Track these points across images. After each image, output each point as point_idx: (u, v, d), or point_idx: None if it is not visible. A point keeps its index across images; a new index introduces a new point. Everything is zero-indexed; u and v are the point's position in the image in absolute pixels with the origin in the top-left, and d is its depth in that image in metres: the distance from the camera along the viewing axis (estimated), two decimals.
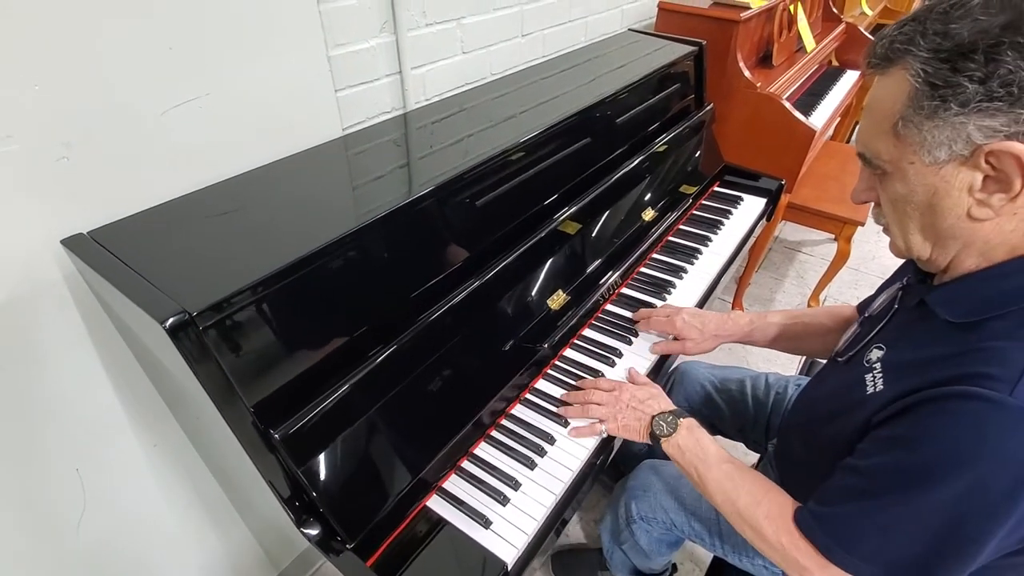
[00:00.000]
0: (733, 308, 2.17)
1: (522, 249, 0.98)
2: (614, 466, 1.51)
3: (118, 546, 0.96)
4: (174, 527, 1.05)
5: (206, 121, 0.80)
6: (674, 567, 1.32)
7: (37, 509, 0.83)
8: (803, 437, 0.80)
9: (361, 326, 0.76)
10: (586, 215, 1.15)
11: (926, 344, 0.61)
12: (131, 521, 0.96)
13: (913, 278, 0.70)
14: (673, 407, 0.89)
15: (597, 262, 1.16)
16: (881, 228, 0.66)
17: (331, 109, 0.99)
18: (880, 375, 0.64)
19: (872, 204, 0.66)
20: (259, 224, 0.76)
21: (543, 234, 1.02)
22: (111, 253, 0.65)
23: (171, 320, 0.55)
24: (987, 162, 0.51)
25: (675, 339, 1.07)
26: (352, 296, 0.76)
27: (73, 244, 0.67)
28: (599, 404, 0.91)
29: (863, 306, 0.91)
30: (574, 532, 1.53)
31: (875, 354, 0.68)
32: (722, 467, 0.78)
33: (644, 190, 1.33)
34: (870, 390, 0.64)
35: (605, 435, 0.92)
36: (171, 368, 0.69)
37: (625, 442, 1.39)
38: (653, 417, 0.87)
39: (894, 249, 0.66)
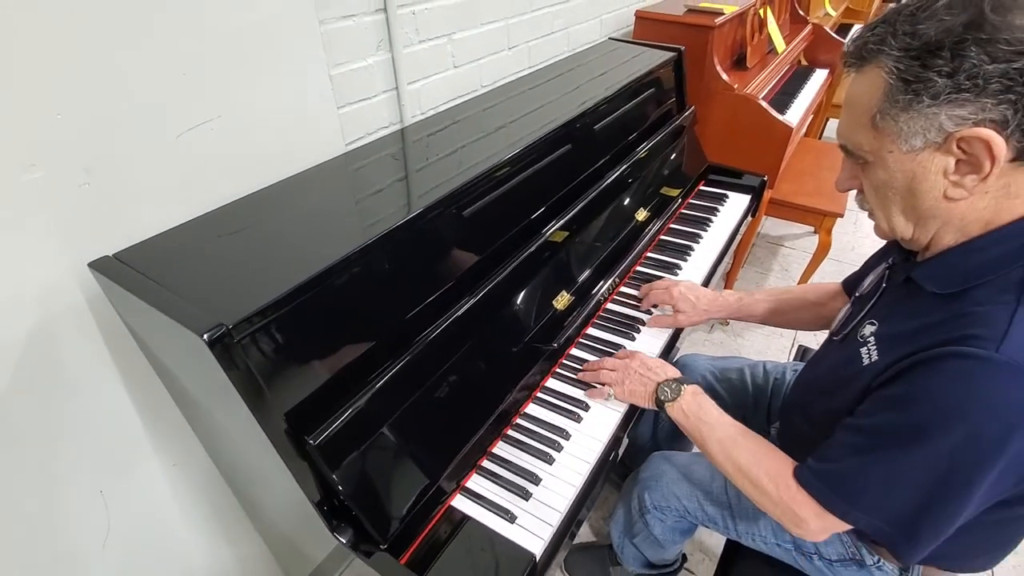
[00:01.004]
0: None
1: (527, 253, 1.01)
2: (622, 464, 1.54)
3: (141, 568, 0.96)
4: (192, 545, 1.05)
5: (218, 142, 0.83)
6: (684, 557, 1.35)
7: (63, 534, 0.84)
8: (804, 413, 0.85)
9: (380, 334, 0.78)
10: (583, 218, 1.19)
11: (915, 315, 0.66)
12: (153, 542, 0.97)
13: (898, 257, 0.75)
14: (679, 375, 0.94)
15: (596, 263, 1.20)
16: (866, 213, 0.71)
17: (334, 126, 1.02)
18: (874, 347, 0.69)
19: (856, 191, 0.71)
20: (276, 241, 0.79)
21: (546, 237, 1.06)
22: (140, 273, 0.67)
23: (210, 333, 0.57)
24: (959, 147, 0.56)
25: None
26: (370, 305, 0.78)
27: (101, 266, 0.69)
28: (610, 370, 0.97)
29: (848, 283, 0.96)
30: (583, 530, 1.55)
31: (868, 329, 0.72)
32: (725, 429, 0.83)
33: (635, 192, 1.37)
34: (866, 361, 0.69)
35: (610, 397, 0.96)
36: (201, 383, 0.71)
37: (632, 438, 1.43)
38: (659, 384, 0.92)
39: (879, 231, 0.71)
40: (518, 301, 1.00)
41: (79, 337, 0.76)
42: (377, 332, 0.78)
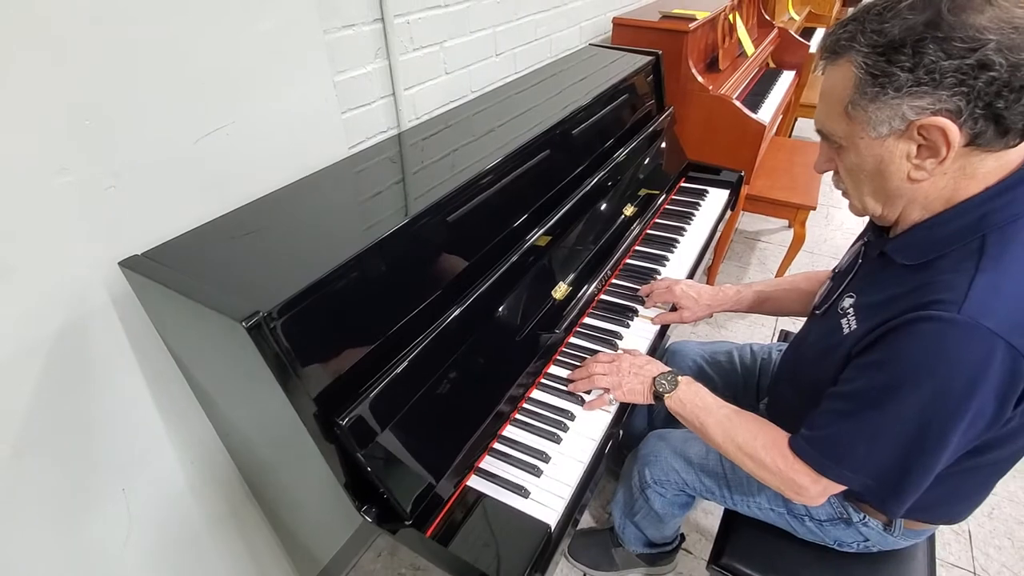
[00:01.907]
0: None
1: (526, 246, 1.07)
2: (619, 452, 1.60)
3: (161, 567, 0.98)
4: (208, 545, 1.07)
5: (233, 147, 0.87)
6: (682, 536, 1.41)
7: (87, 532, 0.86)
8: (792, 384, 0.91)
9: (398, 322, 0.83)
10: (576, 214, 1.24)
11: (889, 286, 0.73)
12: (171, 540, 0.99)
13: (872, 234, 0.82)
14: (669, 368, 0.99)
15: (589, 256, 1.26)
16: (842, 193, 0.78)
17: (339, 130, 1.06)
18: (853, 317, 0.76)
19: (832, 173, 0.78)
20: (294, 238, 0.83)
21: (542, 232, 1.11)
22: (171, 269, 0.71)
23: (247, 319, 0.61)
24: (919, 134, 0.63)
25: (672, 311, 1.19)
26: (387, 295, 0.83)
27: (131, 264, 0.72)
28: (603, 375, 1.01)
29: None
30: (585, 517, 1.60)
31: (847, 301, 0.79)
32: (721, 411, 0.90)
33: (623, 188, 1.44)
34: (846, 331, 0.76)
35: (615, 403, 1.01)
36: (232, 372, 0.75)
37: (628, 424, 1.49)
38: (654, 379, 0.97)
39: (853, 209, 0.78)
40: (521, 292, 1.06)
41: (104, 334, 0.79)
42: (395, 321, 0.82)
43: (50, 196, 0.68)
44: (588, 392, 1.03)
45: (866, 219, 0.81)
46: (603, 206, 1.36)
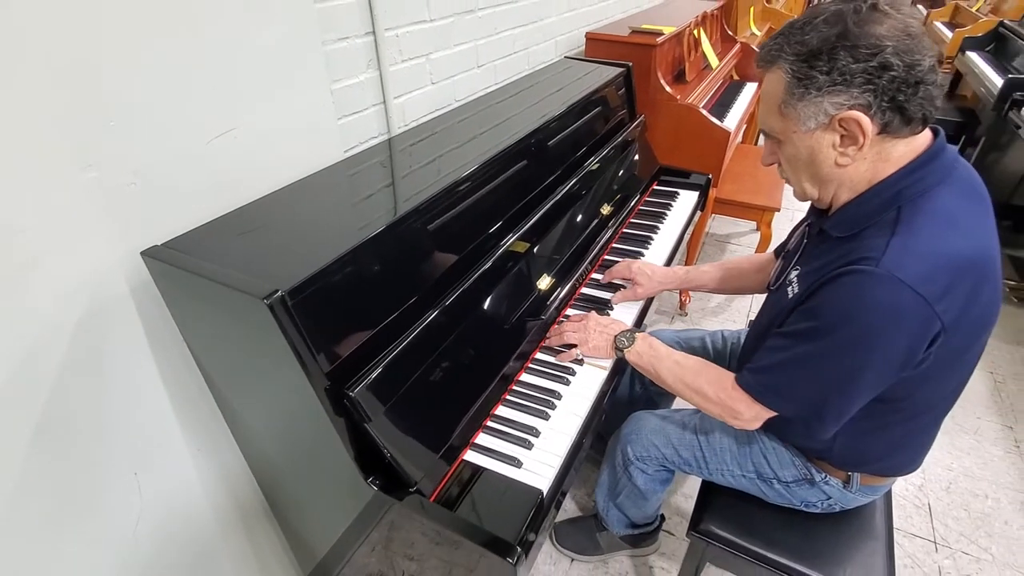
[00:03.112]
0: (680, 296, 2.43)
1: (514, 239, 1.15)
2: (600, 440, 1.68)
3: (170, 552, 1.02)
4: (214, 532, 1.11)
5: (241, 148, 0.93)
6: (662, 517, 1.49)
7: (99, 517, 0.89)
8: (755, 349, 1.01)
9: (398, 306, 0.90)
10: (557, 213, 1.33)
11: (825, 255, 0.84)
12: (180, 526, 1.03)
13: (813, 217, 0.94)
14: (630, 327, 1.13)
15: (570, 251, 1.35)
16: (785, 181, 0.90)
17: (335, 134, 1.13)
18: (797, 284, 0.88)
19: (778, 166, 0.89)
20: (299, 231, 0.90)
21: (526, 228, 1.20)
22: (191, 256, 0.77)
23: (268, 297, 0.68)
24: (840, 126, 0.75)
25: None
26: (387, 282, 0.90)
27: (153, 253, 0.78)
28: (572, 332, 1.13)
29: (778, 250, 1.15)
30: (569, 506, 1.67)
31: (793, 274, 0.91)
32: (672, 357, 1.04)
33: (600, 189, 1.54)
34: (791, 295, 0.88)
35: (580, 356, 1.13)
36: (249, 350, 0.80)
37: (608, 414, 1.57)
38: (615, 336, 1.10)
39: (796, 195, 0.90)
40: (510, 282, 1.13)
41: (122, 323, 0.84)
42: (397, 305, 0.89)
43: (77, 190, 0.74)
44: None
45: (808, 204, 0.93)
46: (583, 206, 1.45)
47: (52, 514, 0.82)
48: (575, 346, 1.14)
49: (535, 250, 1.24)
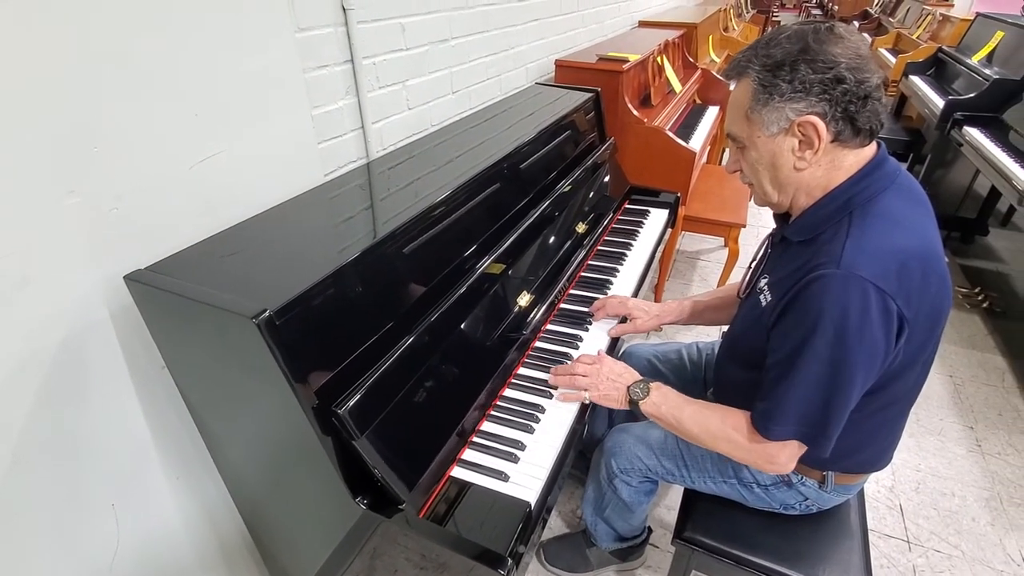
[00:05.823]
0: None
1: (492, 259, 1.18)
2: (583, 457, 1.69)
3: None
4: (193, 564, 1.08)
5: (225, 172, 0.94)
6: (649, 529, 1.50)
7: (75, 549, 0.87)
8: (733, 359, 1.05)
9: (382, 325, 0.91)
10: (533, 233, 1.37)
11: (789, 262, 0.89)
12: (159, 561, 1.00)
13: (777, 224, 0.99)
14: (641, 377, 1.11)
15: (548, 268, 1.38)
16: (748, 187, 0.95)
17: (316, 159, 1.15)
18: (768, 292, 0.92)
19: (741, 174, 0.95)
20: (283, 253, 0.91)
21: (504, 247, 1.23)
22: (175, 279, 0.77)
23: (256, 315, 0.68)
24: (799, 130, 0.82)
25: (624, 323, 1.32)
26: (371, 301, 0.91)
27: (136, 276, 0.78)
28: (583, 376, 1.11)
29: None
30: (556, 524, 1.67)
31: (763, 282, 0.95)
32: (690, 407, 1.02)
33: (574, 208, 1.58)
34: (764, 303, 0.92)
35: (588, 401, 1.11)
36: (236, 371, 0.80)
37: (589, 430, 1.59)
38: (628, 387, 1.08)
39: (757, 199, 0.95)
40: (489, 300, 1.16)
41: (102, 349, 0.83)
42: (381, 324, 0.90)
43: (60, 215, 0.74)
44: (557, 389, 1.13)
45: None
46: (558, 225, 1.49)
47: (26, 544, 0.79)
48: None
49: (514, 269, 1.26)
